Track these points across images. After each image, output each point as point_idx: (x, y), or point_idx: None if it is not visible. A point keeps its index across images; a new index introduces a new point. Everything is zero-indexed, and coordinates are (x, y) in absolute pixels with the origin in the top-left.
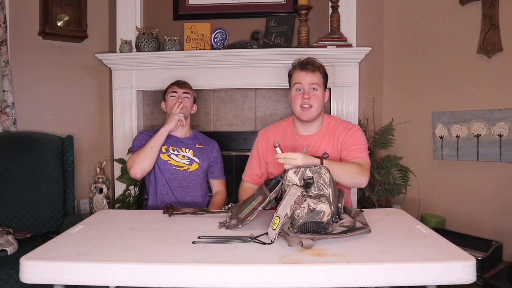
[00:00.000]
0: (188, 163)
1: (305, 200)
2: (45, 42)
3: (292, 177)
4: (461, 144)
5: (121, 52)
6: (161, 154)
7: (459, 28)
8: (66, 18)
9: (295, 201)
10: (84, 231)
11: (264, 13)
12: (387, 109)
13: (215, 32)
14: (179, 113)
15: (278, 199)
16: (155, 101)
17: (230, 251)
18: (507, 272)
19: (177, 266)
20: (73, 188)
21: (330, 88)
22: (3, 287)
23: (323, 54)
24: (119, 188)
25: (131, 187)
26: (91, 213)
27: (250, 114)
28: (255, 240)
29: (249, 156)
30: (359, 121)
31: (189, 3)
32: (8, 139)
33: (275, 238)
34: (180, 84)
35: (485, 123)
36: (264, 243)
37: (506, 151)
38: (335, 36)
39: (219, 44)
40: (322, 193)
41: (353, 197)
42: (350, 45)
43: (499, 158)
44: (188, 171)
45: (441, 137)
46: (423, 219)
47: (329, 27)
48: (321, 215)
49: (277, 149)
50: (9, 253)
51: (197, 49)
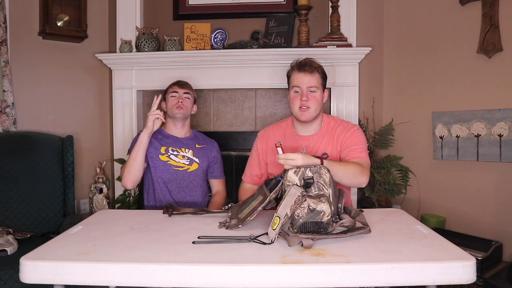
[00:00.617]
0: (188, 163)
1: (305, 200)
2: (45, 42)
3: (292, 177)
4: (461, 144)
5: (121, 52)
6: (160, 156)
7: (459, 28)
8: (66, 18)
9: (295, 201)
10: (84, 231)
11: (264, 13)
12: (387, 109)
13: (215, 32)
14: (155, 111)
15: (278, 199)
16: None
17: (230, 251)
18: (507, 272)
19: (177, 266)
20: (73, 188)
21: (330, 88)
22: (3, 287)
23: (323, 54)
24: (119, 188)
25: None
26: (91, 213)
27: (250, 114)
28: (255, 240)
29: (249, 156)
30: (359, 121)
31: (189, 3)
32: (8, 139)
33: (275, 238)
34: (181, 84)
35: (485, 123)
36: (264, 243)
37: (506, 151)
38: (335, 36)
39: (219, 44)
40: (322, 193)
41: (353, 197)
42: (350, 45)
43: (499, 158)
44: (188, 171)
45: (441, 137)
46: (423, 219)
47: (329, 27)
48: (321, 215)
49: (279, 149)
50: (9, 253)
51: (197, 49)
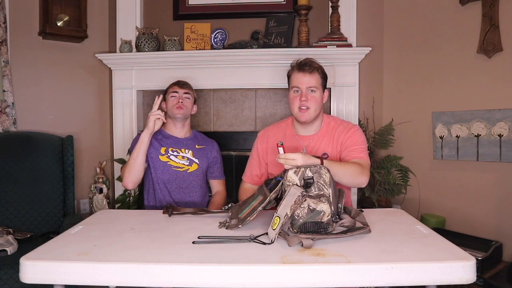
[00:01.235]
0: (188, 163)
1: (305, 200)
2: (45, 42)
3: (292, 177)
4: (461, 144)
5: (121, 52)
6: (160, 156)
7: (459, 28)
8: (66, 18)
9: (295, 201)
10: (84, 231)
11: (264, 13)
12: (387, 109)
13: (215, 32)
14: (156, 112)
15: (278, 199)
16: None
17: (230, 251)
18: (507, 272)
19: (177, 266)
20: (73, 188)
21: (330, 88)
22: (3, 287)
23: (323, 54)
24: (119, 188)
25: None
26: (91, 213)
27: (250, 114)
28: (255, 240)
29: (249, 156)
30: (359, 121)
31: (189, 3)
32: (8, 139)
33: (275, 238)
34: (181, 84)
35: (485, 123)
36: (264, 243)
37: (506, 151)
38: (335, 36)
39: (219, 44)
40: (322, 193)
41: (353, 197)
42: (350, 45)
43: (499, 158)
44: (188, 171)
45: (441, 137)
46: (423, 219)
47: (329, 27)
48: (321, 215)
49: (280, 149)
50: (9, 253)
51: (197, 49)
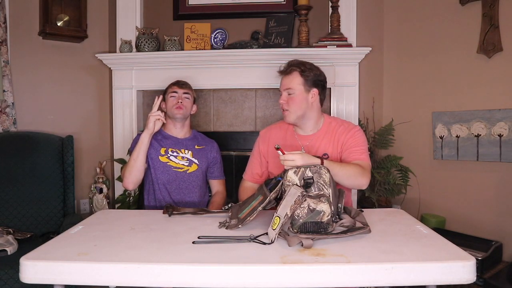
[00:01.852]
0: (187, 164)
1: (305, 200)
2: (45, 42)
3: (292, 177)
4: (461, 144)
5: (121, 52)
6: (160, 157)
7: (459, 28)
8: (66, 18)
9: (295, 201)
10: (84, 231)
11: (264, 13)
12: (387, 109)
13: (215, 32)
14: (156, 112)
15: (278, 199)
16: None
17: (230, 251)
18: (507, 272)
19: (177, 266)
20: (73, 188)
21: (330, 88)
22: (3, 287)
23: (323, 54)
24: (119, 188)
25: None
26: (91, 213)
27: (250, 114)
28: (255, 240)
29: (250, 155)
30: (359, 121)
31: (189, 3)
32: (8, 139)
33: (275, 238)
34: (180, 84)
35: (485, 123)
36: (264, 243)
37: (506, 151)
38: (335, 36)
39: (219, 44)
40: (322, 193)
41: (353, 197)
42: (350, 45)
43: (499, 158)
44: (187, 172)
45: (441, 137)
46: (423, 219)
47: (329, 27)
48: (321, 215)
49: (279, 152)
50: (9, 253)
51: (197, 49)
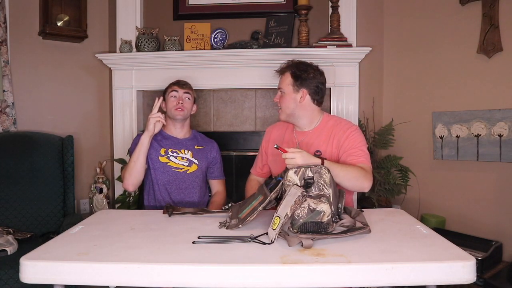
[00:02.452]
0: (187, 164)
1: (305, 200)
2: (45, 42)
3: (293, 177)
4: (461, 144)
5: (121, 52)
6: (160, 157)
7: (459, 28)
8: (66, 18)
9: (295, 201)
10: (84, 231)
11: (264, 13)
12: (387, 109)
13: (215, 32)
14: (156, 114)
15: (278, 199)
16: (155, 101)
17: (230, 251)
18: (507, 272)
19: (177, 266)
20: (73, 188)
21: (330, 88)
22: (3, 287)
23: (323, 54)
24: (119, 188)
25: None
26: (91, 213)
27: (250, 114)
28: (255, 240)
29: (250, 155)
30: (359, 121)
31: (189, 3)
32: (8, 139)
33: (275, 238)
34: (181, 84)
35: (485, 123)
36: (264, 243)
37: (506, 151)
38: (335, 36)
39: (219, 44)
40: (322, 193)
41: (353, 197)
42: (350, 45)
43: (499, 158)
44: (187, 172)
45: (441, 137)
46: (423, 219)
47: (329, 27)
48: (321, 215)
49: (280, 151)
50: (9, 253)
51: (197, 49)
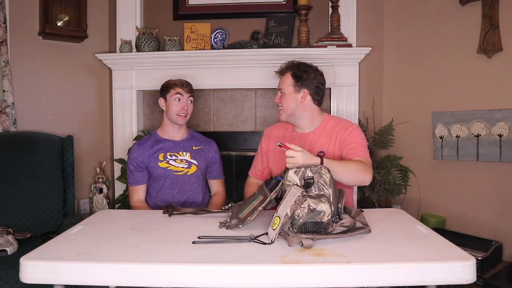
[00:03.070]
0: (187, 166)
1: (305, 200)
2: (45, 42)
3: (293, 177)
4: (461, 144)
5: (121, 52)
6: (159, 163)
7: (459, 28)
8: (66, 18)
9: (295, 201)
10: (84, 231)
11: (264, 13)
12: (387, 109)
13: (215, 32)
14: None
15: (278, 199)
16: (155, 101)
17: (230, 251)
18: (507, 272)
19: (177, 266)
20: (73, 188)
21: (330, 88)
22: (3, 287)
23: (323, 54)
24: (119, 188)
25: None
26: (91, 213)
27: (250, 114)
28: (255, 240)
29: (250, 155)
30: (359, 121)
31: (189, 3)
32: (8, 139)
33: (275, 238)
34: (185, 86)
35: (485, 123)
36: (264, 243)
37: (506, 151)
38: (335, 36)
39: (219, 44)
40: (322, 193)
41: (353, 197)
42: (350, 45)
43: (499, 158)
44: (188, 174)
45: (441, 137)
46: (423, 219)
47: (329, 27)
48: (321, 215)
49: (283, 148)
50: (9, 253)
51: (197, 49)
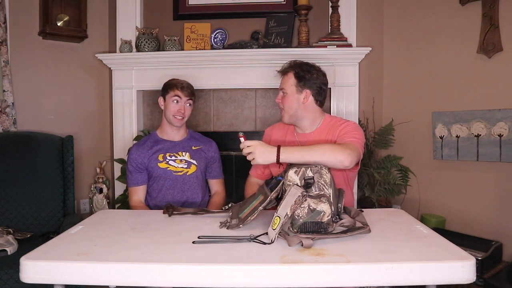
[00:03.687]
0: (186, 166)
1: (305, 200)
2: (45, 42)
3: (293, 177)
4: (461, 144)
5: (121, 52)
6: (159, 164)
7: (459, 28)
8: (66, 18)
9: (295, 201)
10: (84, 231)
11: (264, 13)
12: (387, 109)
13: (215, 32)
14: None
15: (279, 199)
16: (155, 101)
17: (230, 251)
18: (507, 272)
19: (177, 266)
20: (73, 188)
21: (330, 88)
22: (3, 287)
23: (323, 54)
24: (119, 188)
25: None
26: (91, 213)
27: (250, 114)
28: (255, 240)
29: None
30: (359, 121)
31: (189, 3)
32: (8, 139)
33: (275, 238)
34: (184, 89)
35: (485, 123)
36: (264, 243)
37: (506, 151)
38: (335, 36)
39: (219, 44)
40: (322, 193)
41: (353, 197)
42: (350, 45)
43: (499, 158)
44: (188, 174)
45: (441, 137)
46: (423, 219)
47: (329, 27)
48: (321, 215)
49: (241, 139)
50: (9, 253)
51: (197, 49)
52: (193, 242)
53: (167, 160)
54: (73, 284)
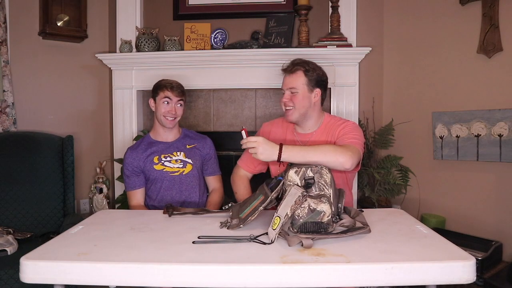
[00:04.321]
0: (182, 166)
1: (305, 200)
2: (45, 42)
3: (293, 177)
4: (461, 144)
5: (121, 52)
6: (154, 166)
7: (459, 28)
8: (66, 18)
9: (295, 201)
10: (84, 231)
11: (264, 13)
12: (387, 109)
13: (215, 32)
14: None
15: (279, 199)
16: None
17: (230, 251)
18: (507, 272)
19: (177, 266)
20: (73, 188)
21: (330, 88)
22: (3, 287)
23: (323, 54)
24: (119, 188)
25: None
26: (91, 213)
27: (250, 114)
28: (255, 240)
29: None
30: (359, 121)
31: (189, 3)
32: (8, 139)
33: (275, 238)
34: (174, 89)
35: (485, 123)
36: (264, 243)
37: (506, 151)
38: (335, 36)
39: (219, 44)
40: (322, 193)
41: (353, 197)
42: (350, 45)
43: (499, 158)
44: (184, 174)
45: (441, 137)
46: (423, 219)
47: (329, 27)
48: (321, 215)
49: (242, 132)
50: (9, 253)
51: (197, 49)
52: (193, 242)
53: (162, 161)
54: (73, 284)
